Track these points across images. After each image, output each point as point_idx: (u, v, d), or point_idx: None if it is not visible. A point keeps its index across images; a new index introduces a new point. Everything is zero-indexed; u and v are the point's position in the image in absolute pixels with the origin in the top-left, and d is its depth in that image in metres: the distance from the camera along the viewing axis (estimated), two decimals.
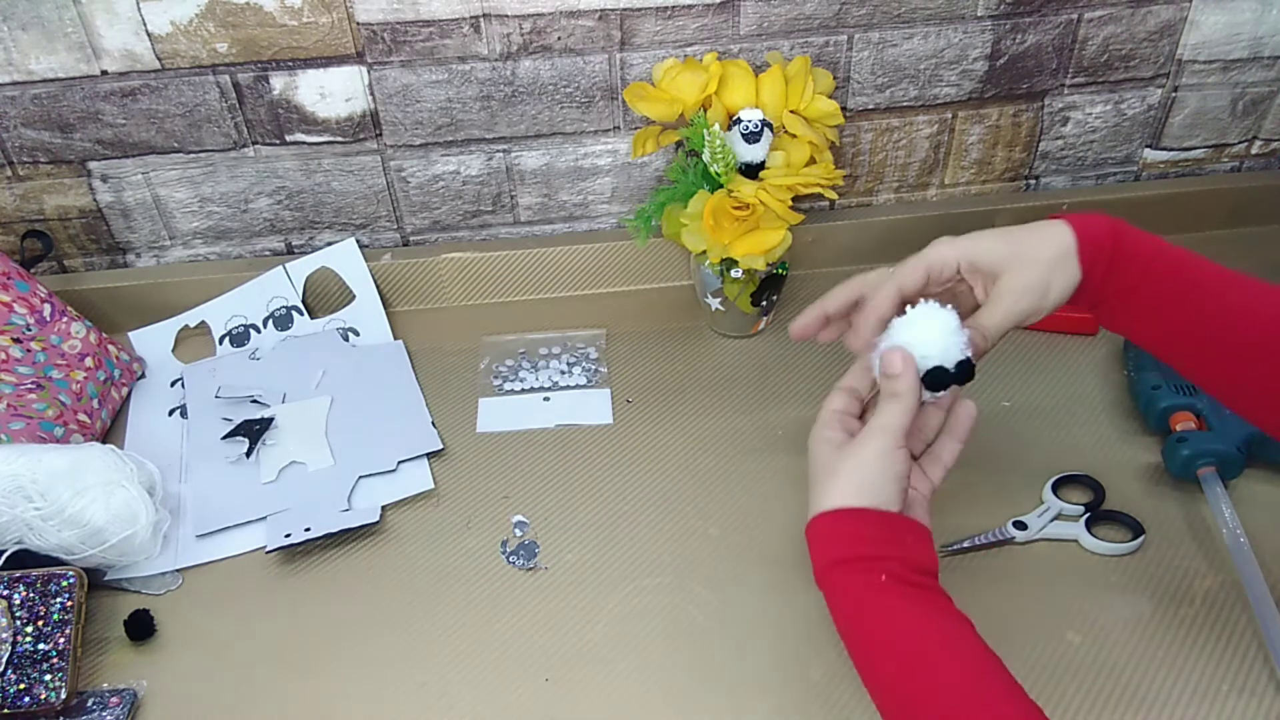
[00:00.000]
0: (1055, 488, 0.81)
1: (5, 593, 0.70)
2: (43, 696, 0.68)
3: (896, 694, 0.54)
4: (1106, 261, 0.61)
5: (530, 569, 0.78)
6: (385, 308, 1.01)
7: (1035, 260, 0.61)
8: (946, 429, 0.64)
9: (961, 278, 0.64)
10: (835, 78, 0.96)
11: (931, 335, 0.60)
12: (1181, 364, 0.63)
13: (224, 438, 0.88)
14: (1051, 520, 0.78)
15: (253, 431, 0.87)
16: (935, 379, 0.60)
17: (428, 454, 0.87)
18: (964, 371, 0.60)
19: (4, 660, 0.69)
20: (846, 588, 0.57)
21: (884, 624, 0.55)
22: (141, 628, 0.74)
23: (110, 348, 0.93)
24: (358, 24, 0.90)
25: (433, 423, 0.90)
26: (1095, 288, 0.62)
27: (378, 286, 1.01)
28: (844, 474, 0.59)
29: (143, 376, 0.96)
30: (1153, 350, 0.64)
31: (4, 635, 0.69)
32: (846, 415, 0.63)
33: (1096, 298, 0.62)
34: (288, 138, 0.96)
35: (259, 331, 0.99)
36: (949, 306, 0.61)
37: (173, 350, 0.99)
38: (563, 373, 0.96)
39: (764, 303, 0.95)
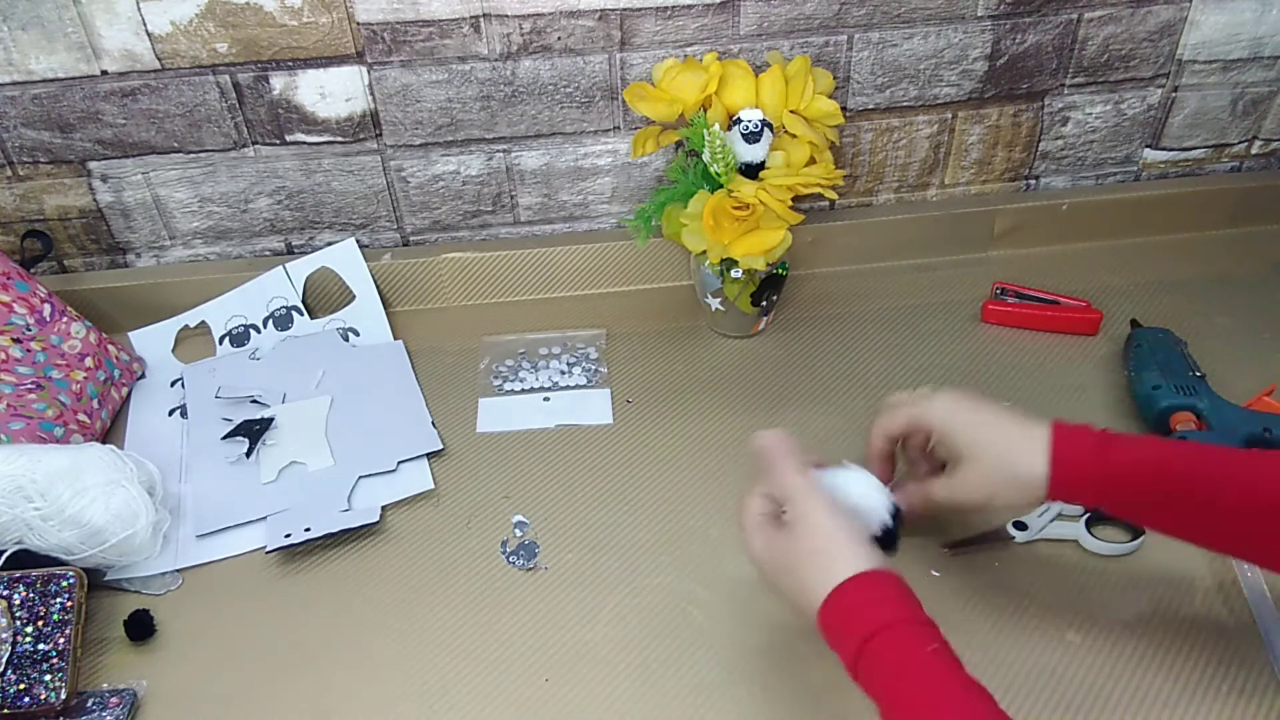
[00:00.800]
0: None
1: (5, 593, 0.70)
2: (43, 697, 0.68)
3: None
4: (1093, 490, 0.63)
5: (530, 569, 0.78)
6: (385, 308, 1.01)
7: (999, 474, 0.65)
8: None
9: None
10: (835, 78, 0.96)
11: (867, 486, 0.68)
12: (1196, 538, 0.64)
13: (224, 438, 0.88)
14: (1051, 520, 0.78)
15: (253, 431, 0.87)
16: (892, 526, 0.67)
17: (428, 454, 0.88)
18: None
19: (4, 660, 0.68)
20: (892, 651, 0.55)
21: (931, 692, 0.53)
22: (141, 628, 0.74)
23: (110, 348, 0.93)
24: (358, 24, 0.90)
25: (433, 423, 0.90)
26: (1085, 503, 0.62)
27: (378, 286, 1.01)
28: (842, 540, 0.59)
29: (143, 376, 0.96)
30: (1164, 531, 0.65)
31: (4, 635, 0.69)
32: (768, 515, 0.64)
33: (1088, 507, 0.62)
34: (288, 138, 0.96)
35: (259, 331, 0.99)
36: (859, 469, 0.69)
37: (173, 350, 0.99)
38: (563, 373, 0.96)
39: (764, 303, 0.95)
